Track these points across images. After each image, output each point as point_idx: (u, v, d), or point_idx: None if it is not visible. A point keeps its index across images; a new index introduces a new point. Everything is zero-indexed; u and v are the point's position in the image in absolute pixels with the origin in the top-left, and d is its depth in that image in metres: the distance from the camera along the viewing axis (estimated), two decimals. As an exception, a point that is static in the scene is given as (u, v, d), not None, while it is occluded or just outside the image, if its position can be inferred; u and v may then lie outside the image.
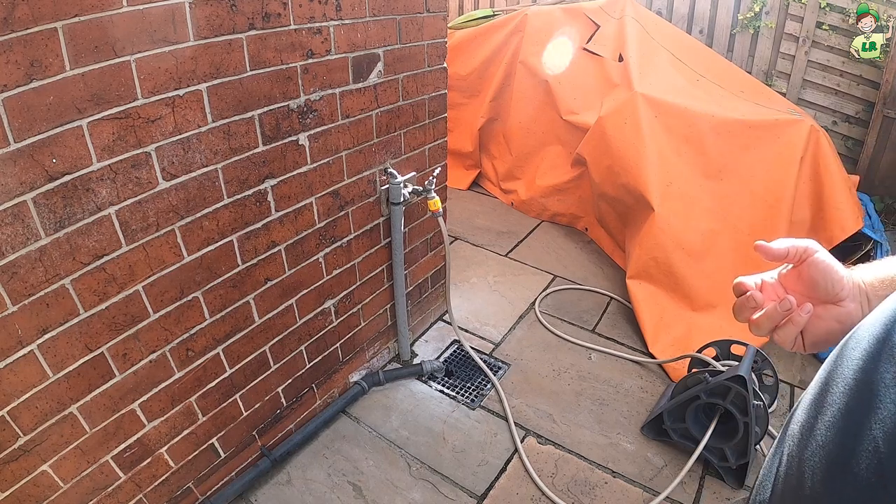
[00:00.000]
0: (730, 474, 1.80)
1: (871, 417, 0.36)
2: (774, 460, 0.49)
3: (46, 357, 1.10)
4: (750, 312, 0.60)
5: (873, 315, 0.42)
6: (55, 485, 1.19)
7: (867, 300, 0.56)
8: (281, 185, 1.49)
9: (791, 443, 0.45)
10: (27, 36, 0.92)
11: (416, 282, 2.25)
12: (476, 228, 3.23)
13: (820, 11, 3.15)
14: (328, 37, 1.46)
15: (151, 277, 1.25)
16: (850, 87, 3.23)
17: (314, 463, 1.82)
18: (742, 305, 0.60)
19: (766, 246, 0.58)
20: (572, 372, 2.23)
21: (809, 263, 0.57)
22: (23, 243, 1.01)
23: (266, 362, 1.65)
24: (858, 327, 0.43)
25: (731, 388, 1.67)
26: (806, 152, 2.33)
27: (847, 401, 0.39)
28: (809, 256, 0.57)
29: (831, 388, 0.42)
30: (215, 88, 1.24)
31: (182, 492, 1.53)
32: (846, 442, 0.38)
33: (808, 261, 0.57)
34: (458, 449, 1.89)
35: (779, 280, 0.61)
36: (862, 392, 0.38)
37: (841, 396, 0.40)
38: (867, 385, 0.38)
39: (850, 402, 0.39)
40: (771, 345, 2.32)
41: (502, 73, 3.28)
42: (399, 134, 1.85)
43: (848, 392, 0.40)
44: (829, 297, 0.57)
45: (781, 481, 0.45)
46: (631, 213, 2.61)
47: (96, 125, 1.05)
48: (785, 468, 0.45)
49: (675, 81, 2.68)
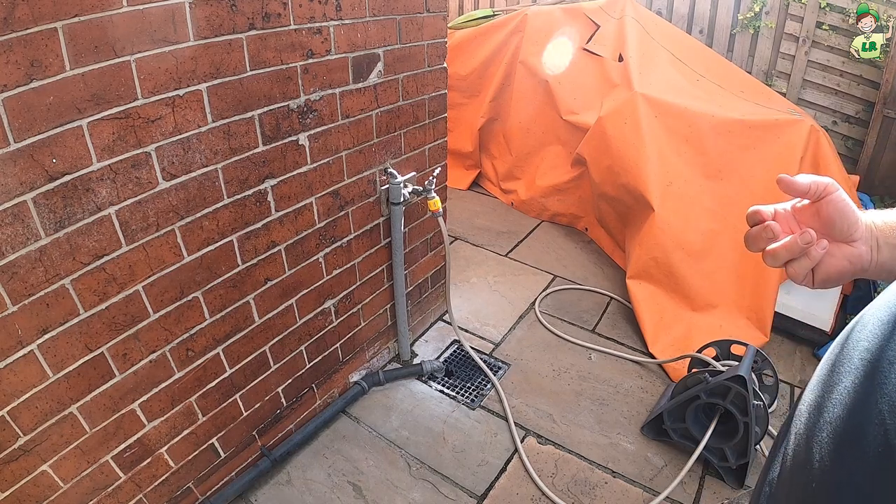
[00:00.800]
0: (730, 474, 1.80)
1: (878, 393, 0.37)
2: (782, 441, 0.50)
3: (46, 357, 1.10)
4: (765, 243, 0.59)
5: (879, 300, 0.44)
6: (55, 485, 1.19)
7: (877, 244, 0.57)
8: (281, 185, 1.49)
9: (799, 422, 0.46)
10: (27, 36, 0.92)
11: (416, 282, 2.25)
12: (476, 228, 3.23)
13: (820, 11, 3.15)
14: (328, 37, 1.46)
15: (151, 277, 1.25)
16: (850, 87, 3.23)
17: (314, 463, 1.82)
18: (758, 235, 0.60)
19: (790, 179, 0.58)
20: (572, 372, 2.23)
21: (829, 201, 0.57)
22: (23, 243, 1.01)
23: (266, 362, 1.65)
24: (864, 313, 0.45)
25: (731, 388, 1.67)
26: (806, 152, 2.33)
27: (854, 379, 0.40)
28: (830, 194, 0.57)
29: (838, 369, 0.43)
30: (215, 88, 1.24)
31: (182, 492, 1.53)
32: (853, 417, 0.39)
33: (827, 198, 0.57)
34: (458, 449, 1.89)
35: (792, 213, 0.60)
36: (868, 370, 0.39)
37: (848, 375, 0.41)
38: (873, 364, 0.39)
39: (857, 381, 0.40)
40: (771, 345, 2.32)
41: (502, 73, 3.28)
42: (399, 134, 1.85)
43: (854, 371, 0.41)
44: (844, 237, 0.57)
45: (790, 459, 0.46)
46: (631, 213, 2.62)
47: (96, 125, 1.05)
48: (793, 446, 0.46)
49: (675, 81, 2.68)
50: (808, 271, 0.58)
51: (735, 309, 2.34)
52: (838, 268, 0.58)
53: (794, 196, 0.59)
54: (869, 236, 0.57)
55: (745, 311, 2.33)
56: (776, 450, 0.51)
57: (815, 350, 2.36)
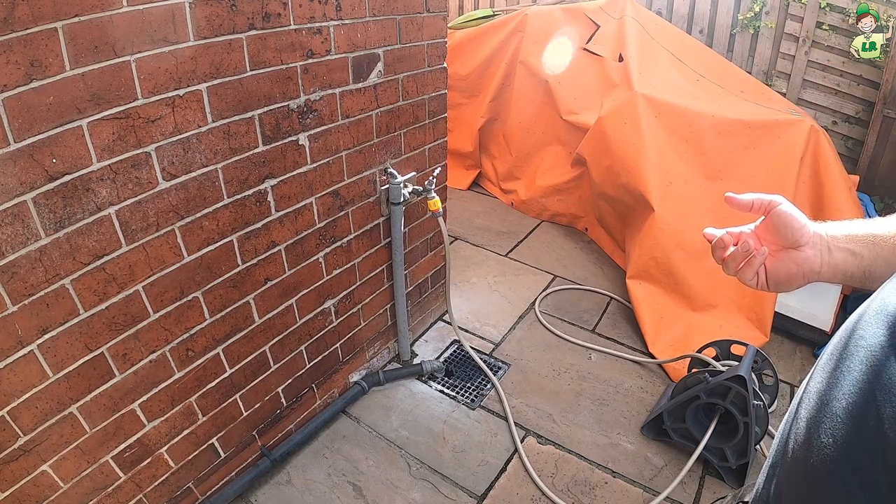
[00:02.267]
0: (730, 474, 1.80)
1: (875, 382, 0.40)
2: (785, 428, 0.52)
3: (46, 357, 1.10)
4: (722, 252, 0.69)
5: (890, 283, 0.46)
6: (55, 485, 1.19)
7: (828, 249, 0.64)
8: (281, 185, 1.49)
9: (804, 409, 0.47)
10: (27, 36, 0.92)
11: (416, 282, 2.25)
12: (476, 228, 3.23)
13: (820, 11, 3.15)
14: (328, 37, 1.46)
15: (151, 277, 1.25)
16: (850, 87, 3.23)
17: (314, 463, 1.82)
18: (715, 247, 0.69)
19: (734, 196, 0.68)
20: (572, 372, 2.23)
21: (774, 213, 0.65)
22: (23, 243, 1.01)
23: (266, 362, 1.65)
24: (874, 297, 0.46)
25: (731, 388, 1.67)
26: (806, 152, 2.33)
27: (858, 365, 0.43)
28: (773, 208, 0.65)
29: (846, 354, 0.45)
30: (215, 88, 1.24)
31: (182, 492, 1.53)
32: (855, 402, 0.41)
33: (773, 211, 0.65)
34: (458, 449, 1.89)
35: (754, 231, 0.69)
36: (870, 358, 0.42)
37: (854, 360, 0.43)
38: (874, 352, 0.41)
39: (860, 367, 0.42)
40: (771, 345, 2.32)
41: (502, 73, 3.28)
42: (399, 134, 1.85)
43: (858, 357, 0.43)
44: (791, 243, 0.65)
45: (793, 442, 0.47)
46: (631, 213, 2.61)
47: (96, 125, 1.05)
48: (796, 431, 0.47)
49: (675, 81, 2.68)
50: (755, 275, 0.67)
51: (735, 309, 2.34)
52: (786, 270, 0.65)
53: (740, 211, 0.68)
54: (818, 241, 0.64)
55: (745, 311, 2.33)
56: (780, 438, 0.53)
57: (815, 350, 2.36)
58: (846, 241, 0.63)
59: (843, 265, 0.63)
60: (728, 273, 0.69)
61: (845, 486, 0.39)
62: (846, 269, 0.63)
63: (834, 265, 0.63)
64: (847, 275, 0.63)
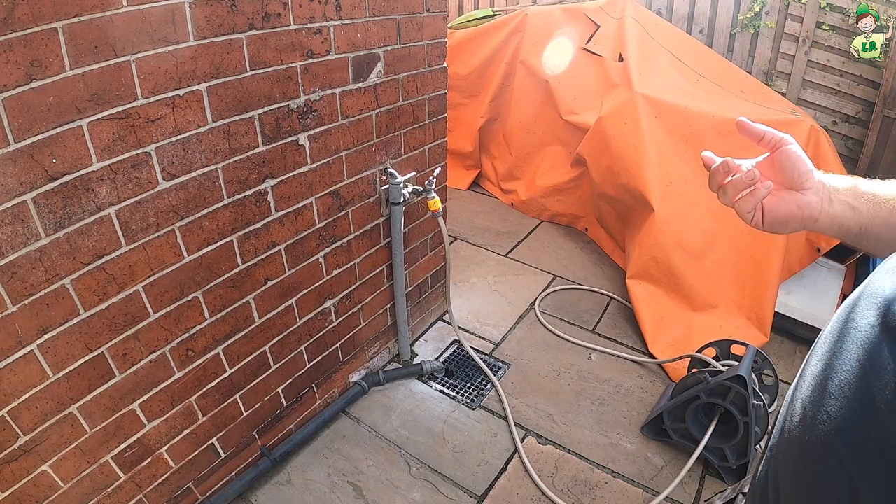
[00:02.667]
0: (730, 474, 1.79)
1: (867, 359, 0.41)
2: (781, 413, 0.52)
3: (46, 357, 1.10)
4: (722, 178, 0.66)
5: (882, 266, 0.46)
6: (55, 485, 1.19)
7: (829, 198, 0.63)
8: (281, 185, 1.49)
9: (800, 393, 0.48)
10: (27, 36, 0.92)
11: (416, 282, 2.25)
12: (476, 228, 3.23)
13: (820, 11, 3.15)
14: (328, 37, 1.46)
15: (151, 277, 1.25)
16: (850, 87, 3.23)
17: (314, 463, 1.82)
18: (716, 171, 0.67)
19: (748, 123, 0.65)
20: (572, 372, 2.23)
21: (782, 151, 0.64)
22: (23, 243, 1.01)
23: (266, 362, 1.65)
24: (866, 283, 0.47)
25: (731, 388, 1.67)
26: (806, 152, 2.30)
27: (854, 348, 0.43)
28: (783, 146, 0.64)
29: (842, 335, 0.46)
30: (215, 88, 1.24)
31: (182, 492, 1.53)
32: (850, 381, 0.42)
33: (781, 149, 0.64)
34: (458, 449, 1.89)
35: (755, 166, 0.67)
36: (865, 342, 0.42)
37: (851, 343, 0.44)
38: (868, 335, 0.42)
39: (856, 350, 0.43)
40: (771, 345, 2.32)
41: (502, 73, 3.28)
42: (399, 134, 1.85)
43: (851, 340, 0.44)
44: (795, 184, 0.64)
45: (789, 424, 0.48)
46: (631, 213, 2.61)
47: (96, 125, 1.05)
48: (792, 414, 0.48)
49: (675, 81, 2.68)
50: (754, 208, 0.65)
51: (735, 309, 2.34)
52: (786, 210, 0.64)
53: (750, 138, 0.66)
54: (821, 189, 0.63)
55: (745, 311, 2.33)
56: (776, 424, 0.54)
57: (815, 350, 2.36)
58: (847, 194, 0.63)
59: (841, 217, 0.63)
60: (724, 202, 0.67)
61: (839, 458, 0.40)
62: (843, 222, 0.63)
63: (832, 216, 0.63)
64: (843, 228, 0.63)
